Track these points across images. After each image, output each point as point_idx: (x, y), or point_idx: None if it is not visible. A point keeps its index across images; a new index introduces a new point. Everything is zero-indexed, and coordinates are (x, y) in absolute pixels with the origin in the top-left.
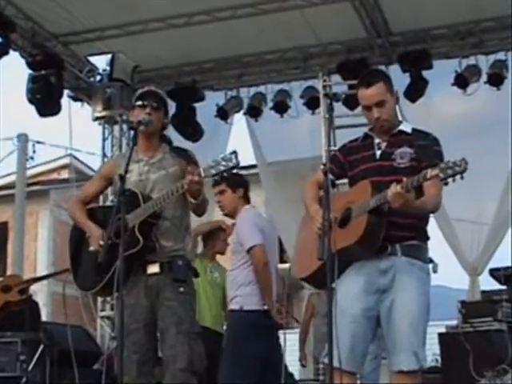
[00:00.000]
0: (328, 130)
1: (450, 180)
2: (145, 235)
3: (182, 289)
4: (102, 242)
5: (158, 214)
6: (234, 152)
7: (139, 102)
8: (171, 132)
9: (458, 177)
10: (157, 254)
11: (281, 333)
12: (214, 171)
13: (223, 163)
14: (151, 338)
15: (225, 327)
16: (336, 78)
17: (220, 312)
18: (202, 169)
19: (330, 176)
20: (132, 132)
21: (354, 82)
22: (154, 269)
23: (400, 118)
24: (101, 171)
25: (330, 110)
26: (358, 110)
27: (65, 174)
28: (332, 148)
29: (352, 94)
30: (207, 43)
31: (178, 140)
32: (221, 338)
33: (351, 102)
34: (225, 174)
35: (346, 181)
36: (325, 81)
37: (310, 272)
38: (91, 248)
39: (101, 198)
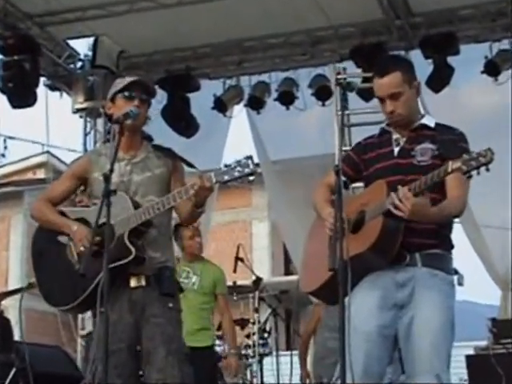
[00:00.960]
0: (341, 124)
1: (473, 173)
2: (134, 245)
3: (170, 304)
4: (86, 244)
5: (150, 221)
6: (250, 157)
7: (126, 93)
8: (162, 126)
9: (482, 169)
10: (142, 266)
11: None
12: (227, 177)
13: (238, 169)
14: (134, 360)
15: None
16: (349, 65)
17: (196, 323)
18: (212, 174)
19: (343, 178)
20: (113, 126)
21: (368, 74)
22: (139, 282)
23: (422, 111)
24: (72, 169)
25: (344, 100)
26: (376, 101)
27: (41, 174)
28: (345, 148)
29: (367, 83)
30: (203, 25)
31: (170, 135)
32: (199, 352)
33: (367, 92)
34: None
35: (361, 184)
36: (338, 73)
37: (319, 284)
38: (80, 248)
39: None
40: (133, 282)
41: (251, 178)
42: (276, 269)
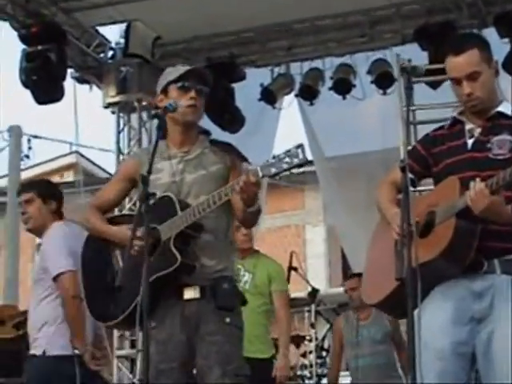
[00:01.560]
0: (406, 115)
1: None
2: (182, 251)
3: (228, 319)
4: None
5: (200, 224)
6: (300, 146)
7: (180, 84)
8: (203, 120)
9: None
10: (196, 276)
11: None
12: (274, 170)
13: (286, 160)
14: (188, 380)
15: (272, 350)
16: (413, 48)
17: (252, 330)
18: (258, 167)
19: (410, 175)
20: (155, 121)
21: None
22: (192, 294)
23: (499, 97)
24: (121, 171)
25: (409, 88)
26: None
27: (69, 177)
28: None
29: (435, 67)
30: (247, 7)
31: (212, 130)
32: (255, 364)
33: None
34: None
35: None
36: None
37: (384, 296)
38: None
39: None
40: (186, 294)
41: (300, 169)
42: (334, 279)
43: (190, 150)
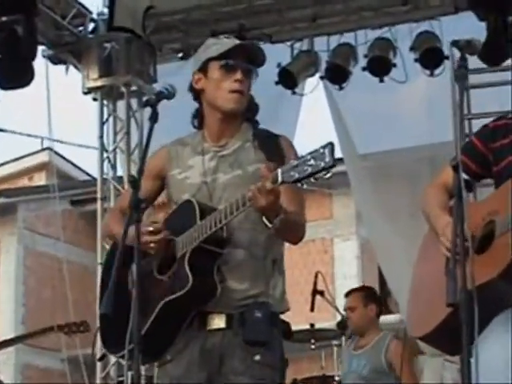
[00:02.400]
0: (460, 101)
1: None
2: (199, 271)
3: (258, 357)
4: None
5: (223, 238)
6: (329, 145)
7: (225, 62)
8: None
9: None
10: (223, 302)
11: None
12: (296, 174)
13: (311, 162)
14: None
15: None
16: (468, 16)
17: None
18: (279, 171)
19: (464, 175)
20: (147, 110)
21: None
22: (217, 323)
23: None
24: (148, 166)
25: (463, 67)
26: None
27: (41, 179)
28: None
29: (494, 40)
30: None
31: None
32: None
33: (492, 53)
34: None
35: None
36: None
37: (433, 326)
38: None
39: None
40: (209, 324)
41: (328, 175)
42: None
43: (227, 144)
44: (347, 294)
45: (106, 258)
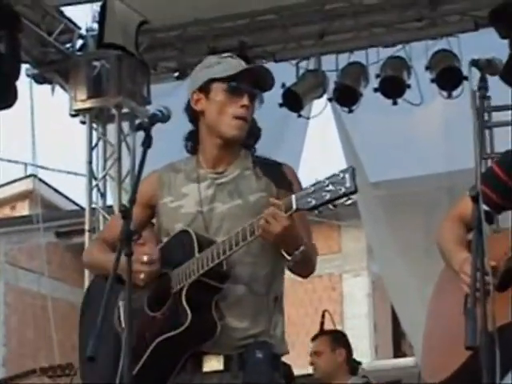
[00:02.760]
0: (479, 126)
1: None
2: (200, 306)
3: None
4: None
5: (223, 272)
6: (351, 168)
7: (233, 84)
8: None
9: None
10: (220, 341)
11: None
12: (313, 201)
13: (330, 188)
14: None
15: None
16: (488, 34)
17: None
18: (293, 197)
19: (485, 206)
20: (140, 134)
21: None
22: (214, 365)
23: None
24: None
25: (483, 89)
26: None
27: (24, 209)
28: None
29: None
30: None
31: None
32: None
33: None
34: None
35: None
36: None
37: (450, 372)
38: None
39: None
40: (205, 366)
41: (349, 201)
42: (381, 348)
43: (225, 171)
44: (313, 338)
45: (86, 292)
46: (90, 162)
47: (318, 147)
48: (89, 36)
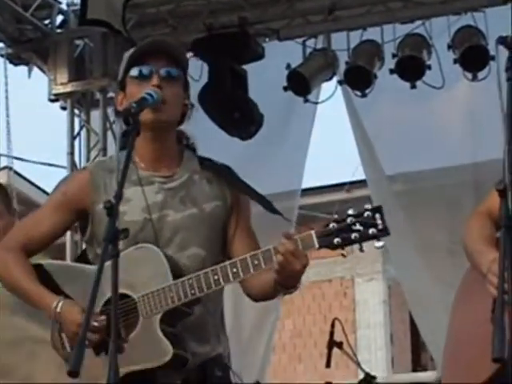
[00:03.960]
0: (509, 111)
1: None
2: (172, 337)
3: None
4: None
5: (196, 299)
6: (377, 209)
7: (135, 71)
8: (201, 120)
9: None
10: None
11: None
12: (338, 240)
13: (357, 228)
14: None
15: None
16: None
17: None
18: (313, 233)
19: None
20: (122, 126)
21: None
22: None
23: None
24: (61, 193)
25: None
26: None
27: None
28: None
29: None
30: None
31: (215, 136)
32: None
33: None
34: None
35: None
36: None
37: None
38: (66, 343)
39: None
40: None
41: (379, 244)
42: (398, 360)
43: (173, 174)
44: None
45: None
46: (72, 153)
47: (326, 136)
48: (70, 11)
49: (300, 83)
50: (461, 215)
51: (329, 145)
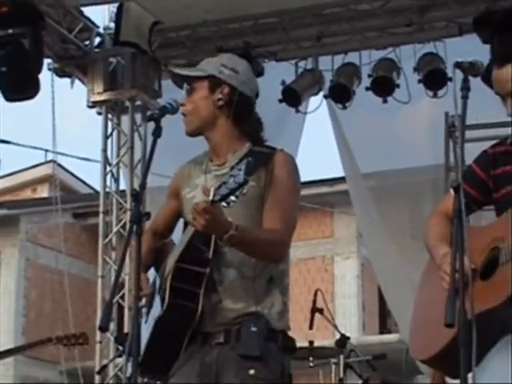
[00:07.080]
0: (461, 124)
1: None
2: (180, 291)
3: (252, 371)
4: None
5: (203, 258)
6: (247, 160)
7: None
8: None
9: None
10: (219, 320)
11: None
12: (225, 190)
13: (233, 179)
14: None
15: None
16: (472, 39)
17: None
18: (212, 188)
19: (465, 199)
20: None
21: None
22: (216, 338)
23: None
24: (170, 186)
25: (466, 89)
26: None
27: (43, 192)
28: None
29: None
30: None
31: None
32: None
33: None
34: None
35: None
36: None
37: (435, 351)
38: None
39: None
40: (210, 340)
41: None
42: (368, 324)
43: (225, 162)
44: None
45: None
46: (105, 150)
47: (313, 140)
48: (106, 34)
49: (292, 97)
50: (421, 207)
51: (315, 147)
